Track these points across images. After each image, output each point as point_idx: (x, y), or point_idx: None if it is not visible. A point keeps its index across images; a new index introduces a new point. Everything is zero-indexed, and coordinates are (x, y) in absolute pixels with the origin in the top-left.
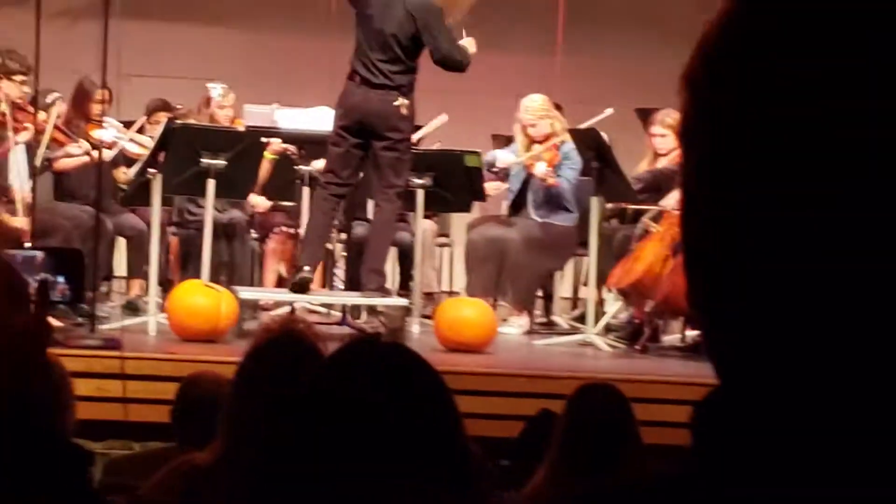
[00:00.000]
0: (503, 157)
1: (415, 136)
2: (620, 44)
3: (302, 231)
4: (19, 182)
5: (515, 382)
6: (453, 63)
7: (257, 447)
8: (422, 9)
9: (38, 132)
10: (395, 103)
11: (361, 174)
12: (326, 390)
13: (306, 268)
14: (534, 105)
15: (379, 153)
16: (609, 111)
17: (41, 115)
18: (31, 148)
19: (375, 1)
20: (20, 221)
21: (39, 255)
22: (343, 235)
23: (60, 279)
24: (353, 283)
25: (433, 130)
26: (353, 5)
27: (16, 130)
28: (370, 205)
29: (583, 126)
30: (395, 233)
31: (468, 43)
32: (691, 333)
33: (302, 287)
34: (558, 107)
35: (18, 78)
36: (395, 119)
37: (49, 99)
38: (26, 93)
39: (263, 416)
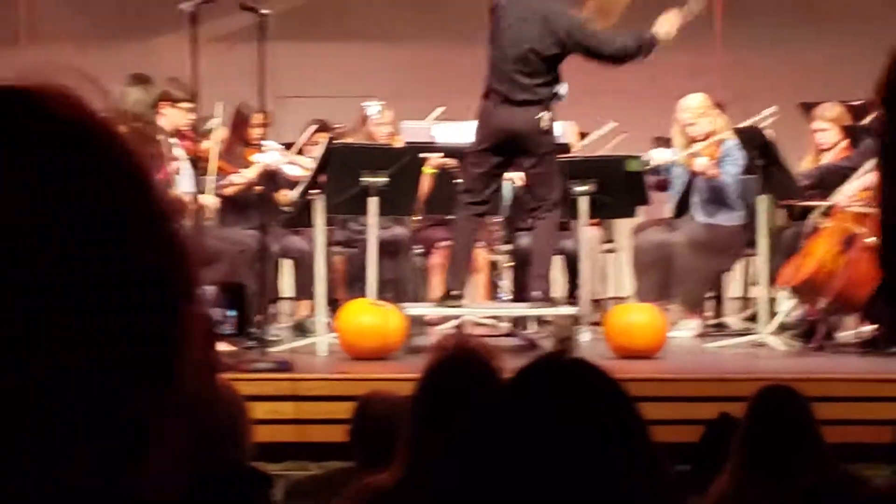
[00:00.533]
0: (658, 156)
1: (581, 143)
2: (779, 37)
3: None
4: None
5: (689, 387)
6: (623, 56)
7: (439, 470)
8: (554, 14)
9: (201, 159)
10: (538, 117)
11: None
12: (512, 413)
13: (454, 292)
14: (693, 104)
15: (527, 171)
16: (768, 111)
17: (205, 144)
18: (194, 174)
19: (511, 14)
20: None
21: (210, 289)
22: (507, 246)
23: (229, 312)
24: (519, 294)
25: (598, 138)
26: (491, 20)
27: (171, 159)
28: None
29: (744, 124)
30: (556, 241)
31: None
32: (866, 329)
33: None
34: (719, 105)
35: (184, 105)
36: (538, 135)
37: (210, 125)
38: (192, 120)
39: (444, 439)
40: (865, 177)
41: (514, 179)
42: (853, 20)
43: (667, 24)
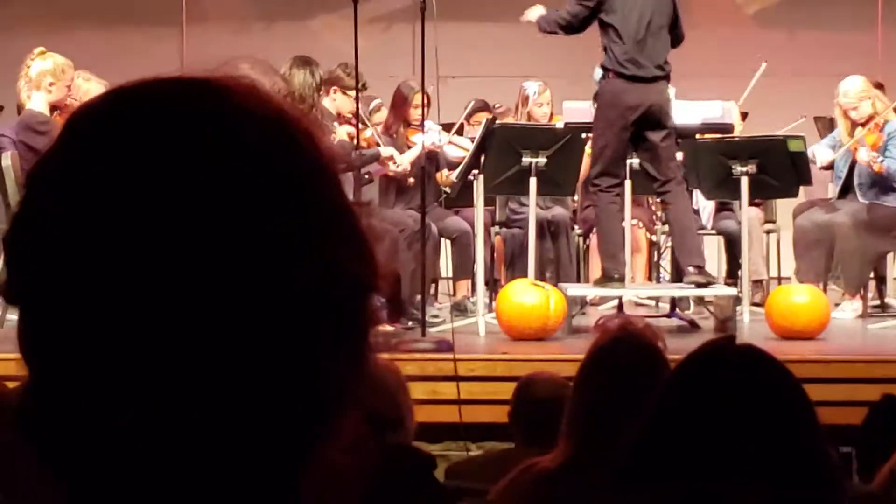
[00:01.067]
0: (822, 156)
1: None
2: None
3: (625, 225)
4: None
5: (852, 368)
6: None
7: (604, 453)
8: None
9: (365, 146)
10: (667, 92)
11: None
12: (688, 399)
13: (615, 275)
14: (853, 88)
15: (658, 145)
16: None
17: (367, 132)
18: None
19: None
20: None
21: None
22: (667, 227)
23: (380, 301)
24: (678, 274)
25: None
26: (599, 5)
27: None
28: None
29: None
30: (693, 218)
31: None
32: None
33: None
34: (879, 86)
35: (352, 94)
36: (669, 108)
37: (371, 105)
38: (356, 107)
39: (610, 421)
40: None
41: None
42: None
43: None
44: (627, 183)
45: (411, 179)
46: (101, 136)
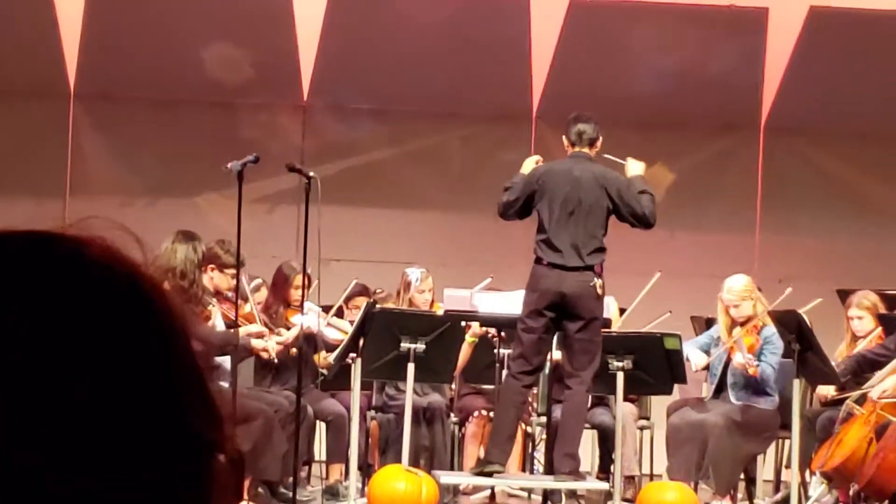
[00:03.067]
0: (696, 359)
1: (634, 303)
2: (818, 222)
3: None
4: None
5: None
6: (652, 219)
7: None
8: (613, 179)
9: (242, 323)
10: (591, 284)
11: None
12: None
13: (495, 462)
14: (738, 286)
15: (573, 336)
16: (813, 303)
17: (246, 308)
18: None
19: (561, 182)
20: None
21: None
22: (543, 419)
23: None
24: (552, 466)
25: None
26: (532, 194)
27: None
28: None
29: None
30: (585, 418)
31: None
32: None
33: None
34: (759, 289)
35: (230, 271)
36: (591, 300)
37: (252, 285)
38: (233, 284)
39: None
40: None
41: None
42: (889, 209)
43: (634, 165)
44: (504, 373)
45: (294, 350)
46: None
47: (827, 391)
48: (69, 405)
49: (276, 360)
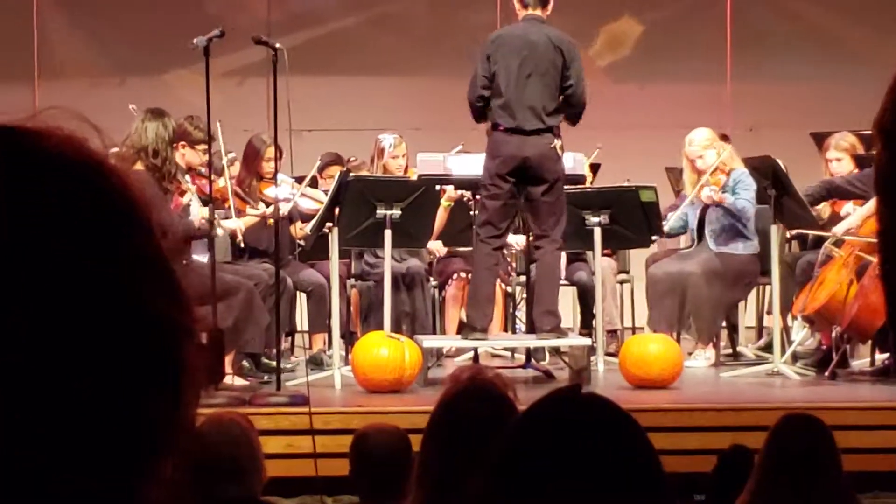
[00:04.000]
0: (673, 224)
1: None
2: (789, 69)
3: None
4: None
5: (705, 417)
6: (582, 107)
7: (456, 502)
8: (568, 43)
9: (216, 198)
10: (552, 146)
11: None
12: (528, 448)
13: (478, 326)
14: (698, 137)
15: (538, 199)
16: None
17: (220, 182)
18: (209, 212)
19: (516, 46)
20: (234, 223)
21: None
22: (522, 278)
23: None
24: (534, 325)
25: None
26: (489, 63)
27: (183, 192)
28: None
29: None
30: (559, 275)
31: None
32: (880, 357)
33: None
34: (725, 137)
35: (201, 147)
36: (552, 161)
37: (226, 160)
38: (206, 160)
39: (459, 471)
40: (869, 205)
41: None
42: (863, 50)
43: None
44: None
45: (270, 220)
46: None
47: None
48: (30, 299)
49: (242, 244)
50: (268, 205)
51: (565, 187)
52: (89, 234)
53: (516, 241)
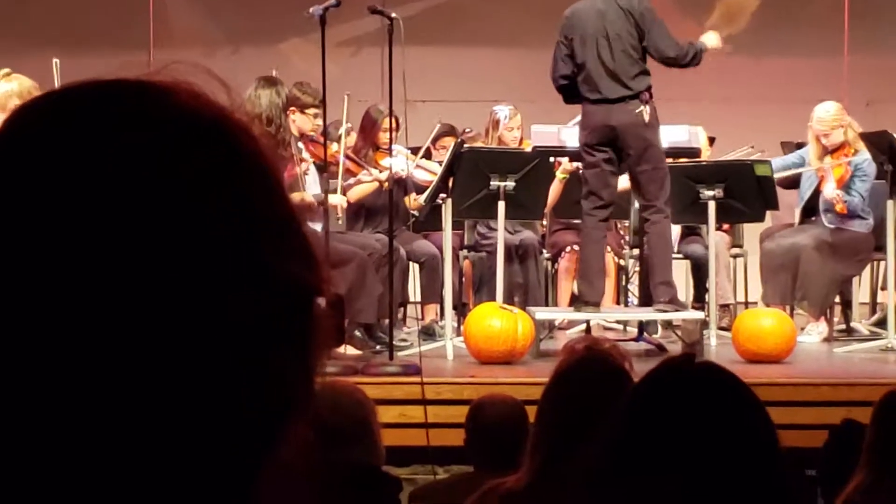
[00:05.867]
0: (780, 170)
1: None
2: None
3: None
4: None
5: (818, 392)
6: (674, 60)
7: (571, 472)
8: (638, 4)
9: (331, 163)
10: (637, 111)
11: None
12: (644, 416)
13: (590, 300)
14: (828, 114)
15: (635, 169)
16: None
17: (332, 147)
18: (322, 180)
19: (587, 18)
20: (338, 198)
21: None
22: (636, 251)
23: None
24: (647, 299)
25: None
26: (568, 40)
27: (300, 161)
28: None
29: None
30: (671, 244)
31: (711, 39)
32: None
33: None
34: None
35: (311, 111)
36: (641, 128)
37: (340, 130)
38: (318, 125)
39: (574, 442)
40: None
41: None
42: None
43: (713, 38)
44: None
45: (386, 184)
46: (33, 135)
47: None
48: (162, 251)
49: (340, 220)
50: (386, 180)
51: (681, 160)
52: (223, 191)
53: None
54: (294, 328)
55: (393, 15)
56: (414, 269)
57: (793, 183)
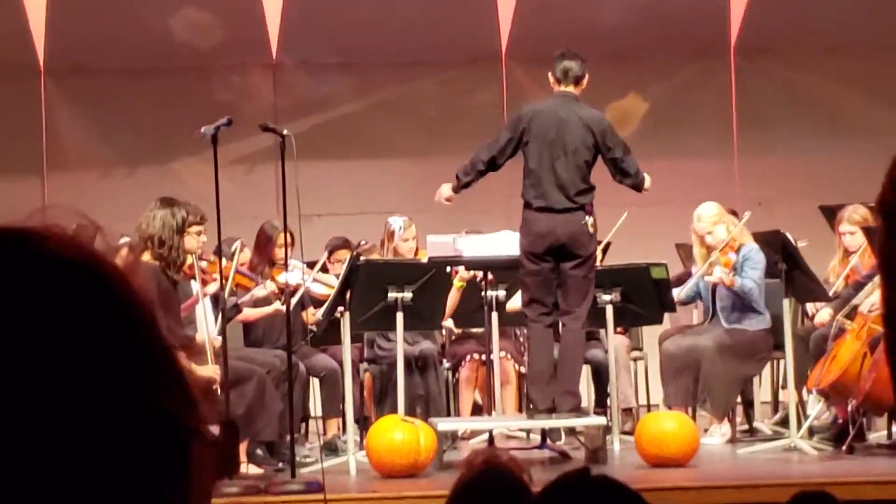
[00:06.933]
0: (688, 293)
1: (604, 242)
2: (795, 144)
3: (494, 357)
4: (206, 331)
5: (723, 494)
6: (637, 174)
7: None
8: (599, 121)
9: (225, 279)
10: (583, 223)
11: None
12: None
13: (542, 406)
14: (706, 213)
15: (567, 273)
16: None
17: (226, 264)
18: (218, 298)
19: (548, 124)
20: (210, 370)
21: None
22: None
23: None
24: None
25: (617, 230)
26: (521, 134)
27: (203, 282)
28: None
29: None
30: (583, 353)
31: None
32: None
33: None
34: (733, 212)
35: (195, 229)
36: (584, 238)
37: (233, 247)
38: (203, 242)
39: None
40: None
41: None
42: (869, 122)
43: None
44: (494, 315)
45: (278, 304)
46: None
47: (822, 318)
48: (36, 402)
49: (281, 300)
50: (280, 290)
51: None
52: (92, 335)
53: None
54: (171, 467)
55: (285, 132)
56: (314, 383)
57: (684, 299)
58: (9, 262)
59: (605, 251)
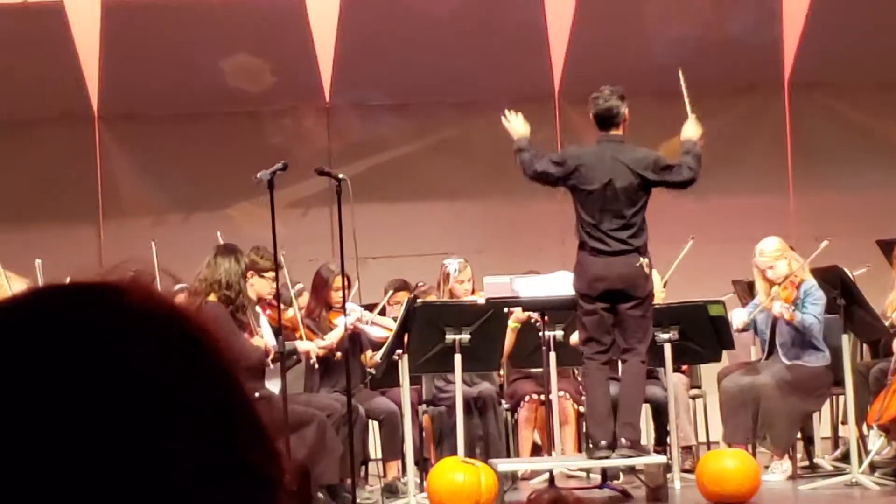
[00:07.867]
0: (737, 319)
1: (668, 273)
2: (850, 176)
3: (552, 397)
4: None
5: None
6: (692, 182)
7: None
8: (645, 161)
9: (286, 327)
10: (638, 264)
11: None
12: None
13: (603, 443)
14: (769, 248)
15: (625, 313)
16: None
17: (289, 312)
18: (279, 343)
19: (594, 174)
20: None
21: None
22: None
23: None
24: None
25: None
26: (565, 180)
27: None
28: None
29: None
30: (644, 388)
31: (692, 129)
32: None
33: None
34: (791, 249)
35: (269, 275)
36: (640, 279)
37: (293, 290)
38: (274, 288)
39: None
40: None
41: None
42: None
43: (693, 128)
44: (552, 355)
45: (338, 354)
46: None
47: None
48: (130, 457)
49: (316, 365)
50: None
51: None
52: (181, 391)
53: None
54: None
55: (340, 176)
56: (373, 426)
57: (742, 327)
58: (93, 320)
59: (665, 285)
